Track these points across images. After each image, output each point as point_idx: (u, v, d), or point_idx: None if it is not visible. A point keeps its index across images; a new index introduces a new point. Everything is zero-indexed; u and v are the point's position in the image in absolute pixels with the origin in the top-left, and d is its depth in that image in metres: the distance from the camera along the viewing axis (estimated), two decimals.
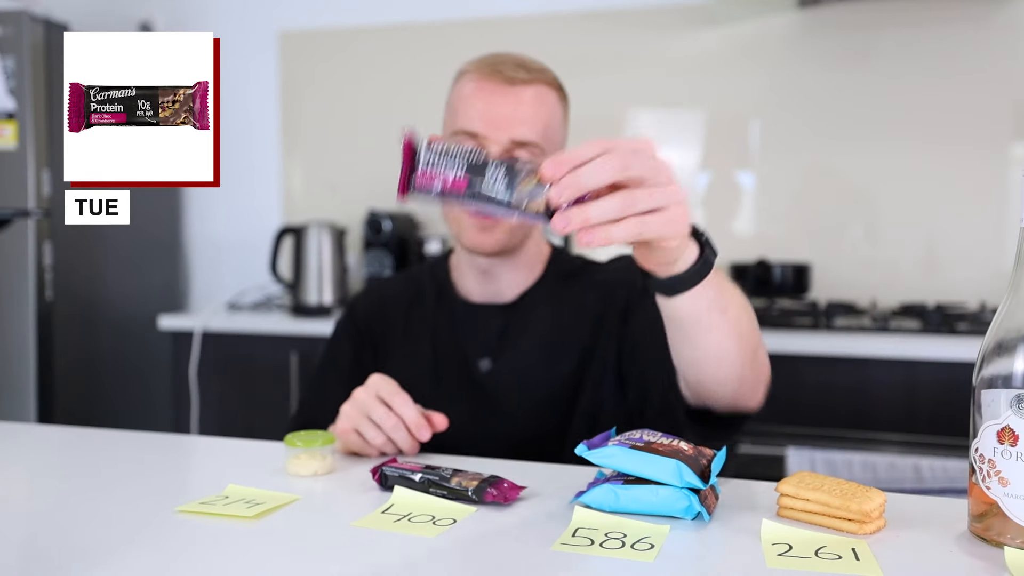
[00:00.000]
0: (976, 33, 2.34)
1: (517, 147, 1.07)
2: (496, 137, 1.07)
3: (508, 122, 1.07)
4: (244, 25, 2.90)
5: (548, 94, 1.11)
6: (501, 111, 1.07)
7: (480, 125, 1.07)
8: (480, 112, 1.08)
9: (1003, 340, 0.73)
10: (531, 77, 1.09)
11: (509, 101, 1.08)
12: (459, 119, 1.10)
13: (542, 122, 1.09)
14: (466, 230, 1.12)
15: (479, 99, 1.09)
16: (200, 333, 2.39)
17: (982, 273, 2.32)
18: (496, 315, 1.18)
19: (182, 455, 1.16)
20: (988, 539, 0.73)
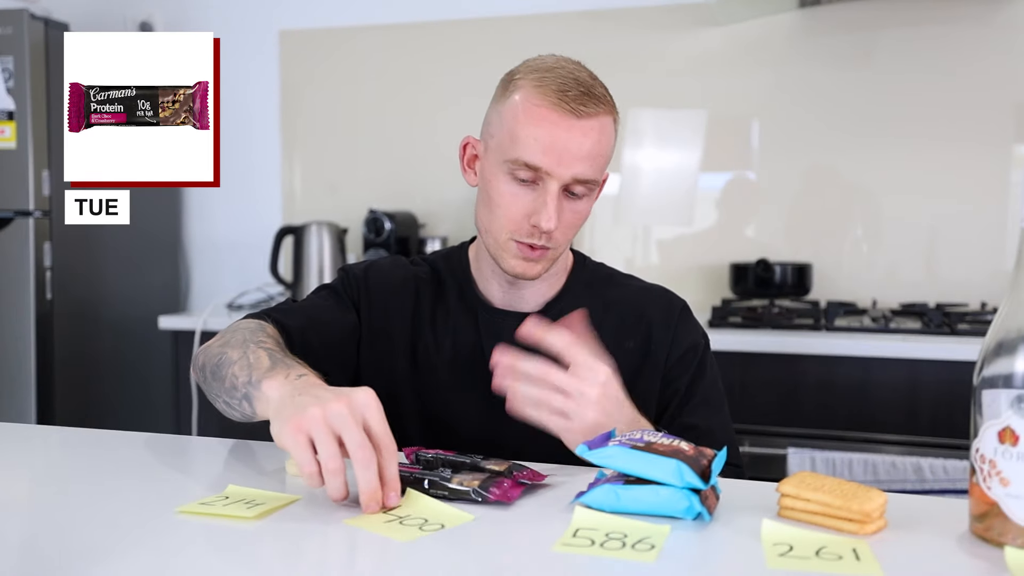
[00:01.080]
0: (977, 33, 2.34)
1: (576, 183, 1.05)
2: (559, 174, 1.03)
3: (573, 159, 1.03)
4: (244, 25, 2.90)
5: (609, 125, 1.07)
6: (566, 145, 1.03)
7: (543, 160, 1.03)
8: (544, 145, 1.03)
9: (1004, 340, 0.73)
10: (598, 110, 1.04)
11: (575, 137, 1.03)
12: (518, 148, 1.04)
13: (603, 158, 1.07)
14: (510, 257, 1.09)
15: (543, 129, 1.03)
16: (200, 333, 2.39)
17: (983, 273, 2.31)
18: (519, 323, 1.14)
19: (182, 455, 1.16)
20: (989, 539, 0.73)
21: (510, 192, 1.06)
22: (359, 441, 0.79)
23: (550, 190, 1.04)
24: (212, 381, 1.03)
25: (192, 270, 3.02)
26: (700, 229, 2.59)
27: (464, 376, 1.14)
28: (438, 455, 0.93)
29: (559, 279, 1.18)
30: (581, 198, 1.07)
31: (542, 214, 1.04)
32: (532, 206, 1.05)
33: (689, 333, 1.17)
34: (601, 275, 1.22)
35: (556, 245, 1.08)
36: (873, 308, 2.31)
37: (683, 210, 2.61)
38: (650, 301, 1.19)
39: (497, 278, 1.16)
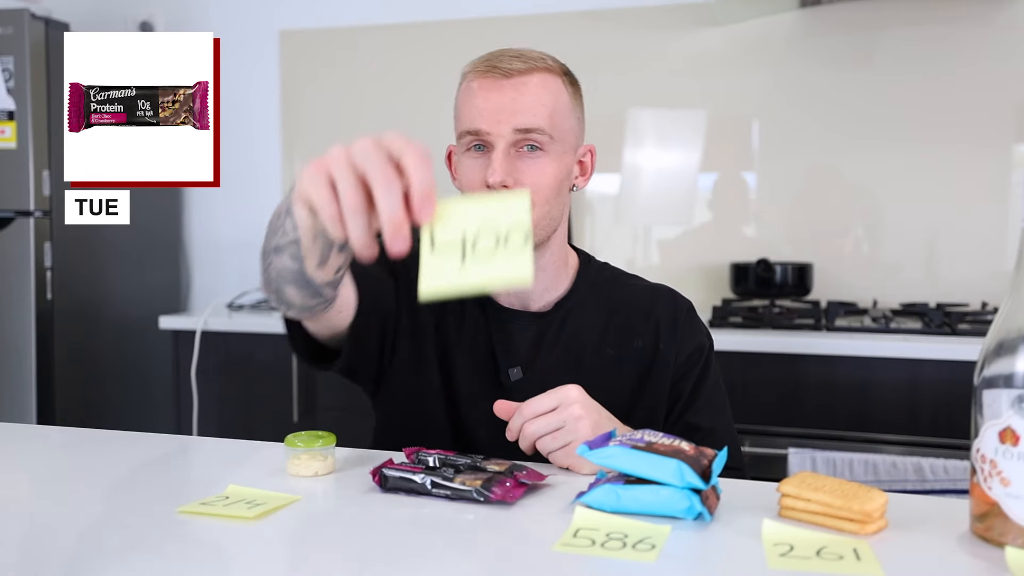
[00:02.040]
0: (978, 33, 2.34)
1: (522, 135, 1.05)
2: (499, 130, 1.05)
3: (509, 113, 1.05)
4: (245, 25, 2.90)
5: (551, 80, 1.08)
6: (500, 103, 1.05)
7: (482, 122, 1.06)
8: (480, 109, 1.06)
9: (1004, 340, 0.73)
10: (529, 66, 1.07)
11: (508, 93, 1.06)
12: (463, 121, 1.09)
13: (546, 108, 1.07)
14: None
15: (479, 96, 1.07)
16: (201, 333, 2.39)
17: (983, 273, 2.31)
18: (529, 323, 1.15)
19: (183, 456, 1.16)
20: (989, 539, 0.73)
21: (467, 165, 1.09)
22: (381, 164, 0.69)
23: (496, 147, 1.05)
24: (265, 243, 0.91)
25: (193, 270, 3.02)
26: (700, 229, 2.59)
27: (474, 377, 1.14)
28: (439, 456, 0.93)
29: (566, 279, 1.18)
30: (542, 152, 1.07)
31: (487, 170, 1.05)
32: (486, 169, 1.06)
33: (695, 334, 1.18)
34: (607, 275, 1.22)
35: None
36: (874, 308, 2.31)
37: (683, 210, 2.61)
38: (657, 301, 1.19)
39: None
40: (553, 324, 1.15)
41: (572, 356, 1.13)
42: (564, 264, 1.18)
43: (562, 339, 1.14)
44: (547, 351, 1.13)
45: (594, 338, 1.15)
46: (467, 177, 1.09)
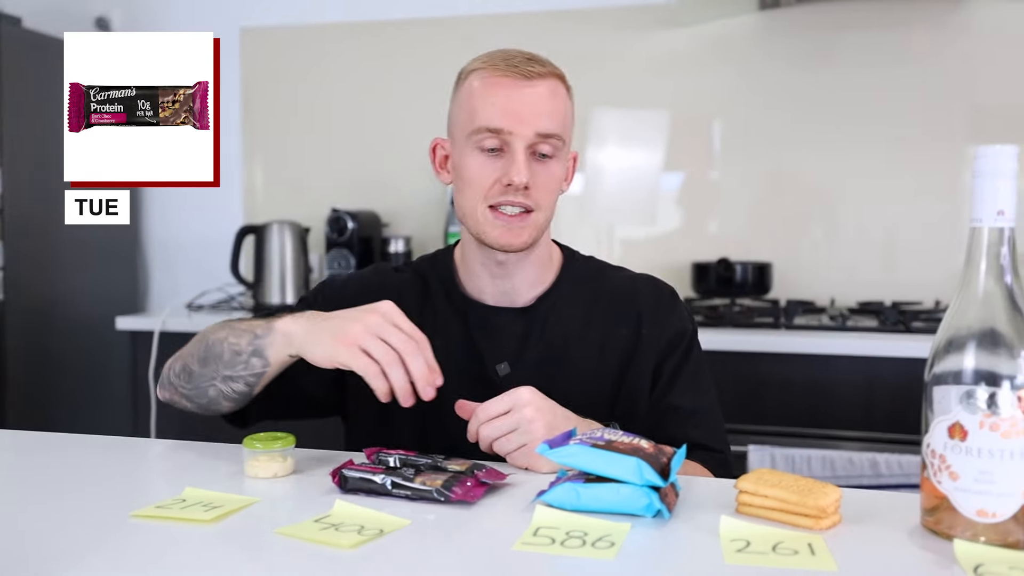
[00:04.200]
0: (932, 36, 2.39)
1: (542, 139, 1.07)
2: (521, 131, 1.06)
3: (531, 115, 1.06)
4: (204, 21, 2.86)
5: (560, 88, 1.11)
6: (523, 105, 1.06)
7: (504, 120, 1.06)
8: (501, 108, 1.06)
9: (954, 338, 0.74)
10: (545, 71, 1.09)
11: (528, 95, 1.07)
12: (478, 117, 1.07)
13: (560, 114, 1.09)
14: (491, 228, 1.09)
15: (498, 95, 1.07)
16: (159, 334, 2.35)
17: (938, 272, 2.36)
18: (514, 318, 1.15)
19: (139, 459, 1.14)
20: (939, 532, 0.74)
21: (479, 164, 1.08)
22: (403, 338, 0.94)
23: (517, 149, 1.06)
24: (202, 369, 1.06)
25: (151, 269, 2.97)
26: (663, 228, 2.61)
27: (458, 376, 1.12)
28: (399, 456, 0.92)
29: (550, 273, 1.19)
30: (551, 159, 1.09)
31: (512, 170, 1.05)
32: (503, 170, 1.07)
33: (678, 318, 1.19)
34: (591, 268, 1.23)
35: (536, 207, 1.08)
36: (831, 307, 2.34)
37: (646, 210, 2.63)
38: (639, 288, 1.20)
39: (487, 270, 1.15)
40: (538, 318, 1.16)
41: (558, 348, 1.14)
42: (548, 259, 1.19)
43: (547, 331, 1.15)
44: (534, 345, 1.14)
45: (578, 328, 1.16)
46: (478, 176, 1.08)
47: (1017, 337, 0.72)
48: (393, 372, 0.93)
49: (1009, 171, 0.73)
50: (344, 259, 2.57)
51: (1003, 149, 0.73)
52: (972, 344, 0.73)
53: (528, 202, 1.07)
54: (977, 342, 0.73)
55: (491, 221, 1.08)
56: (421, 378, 0.93)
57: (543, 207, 1.09)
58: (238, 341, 1.04)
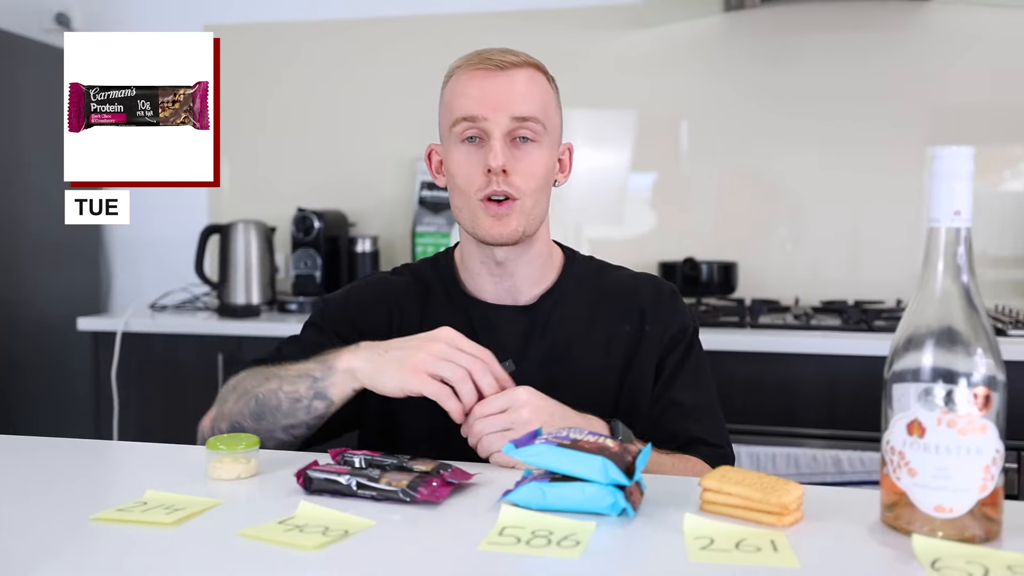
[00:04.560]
0: (893, 37, 2.43)
1: (519, 124, 1.08)
2: (496, 118, 1.07)
3: (506, 101, 1.07)
4: (168, 18, 2.83)
5: (538, 76, 1.12)
6: (497, 92, 1.08)
7: (479, 108, 1.07)
8: (476, 97, 1.08)
9: (912, 336, 0.76)
10: (520, 60, 1.11)
11: (501, 82, 1.09)
12: (455, 109, 1.10)
13: (538, 99, 1.10)
14: (481, 221, 1.10)
15: (472, 86, 1.09)
16: (121, 335, 2.32)
17: (900, 272, 2.40)
18: (516, 316, 1.16)
19: (100, 461, 1.12)
20: (898, 528, 0.76)
21: (463, 156, 1.10)
22: (470, 360, 0.97)
23: (493, 135, 1.07)
24: (257, 424, 1.06)
25: (113, 269, 2.93)
26: (630, 228, 2.63)
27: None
28: (365, 456, 0.92)
29: (551, 272, 1.19)
30: (531, 143, 1.09)
31: (489, 155, 1.07)
32: (484, 158, 1.08)
33: (679, 315, 1.20)
34: (592, 268, 1.24)
35: (519, 193, 1.09)
36: (796, 306, 2.37)
37: (614, 210, 2.64)
38: (641, 286, 1.21)
39: (487, 269, 1.16)
40: (541, 316, 1.16)
41: (561, 346, 1.15)
42: (549, 257, 1.20)
43: (550, 330, 1.16)
44: (537, 342, 1.15)
45: (582, 326, 1.16)
46: (462, 168, 1.10)
47: (973, 335, 0.73)
48: (463, 389, 0.96)
49: (965, 172, 0.74)
50: (310, 259, 2.55)
51: (959, 150, 0.74)
52: (930, 342, 0.74)
53: (509, 189, 1.08)
54: (935, 340, 0.74)
55: (482, 212, 1.09)
56: (490, 392, 0.97)
57: (526, 193, 1.09)
58: (295, 388, 1.04)
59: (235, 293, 2.52)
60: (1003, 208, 2.38)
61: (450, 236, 2.53)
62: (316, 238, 2.55)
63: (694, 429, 1.13)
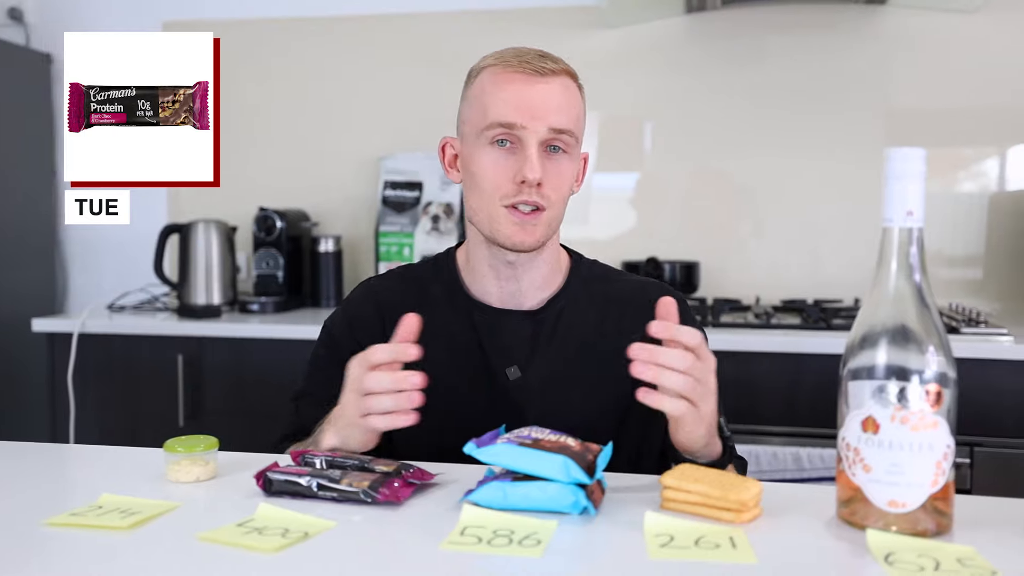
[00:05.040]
0: (851, 40, 2.46)
1: (555, 135, 1.06)
2: (534, 126, 1.05)
3: (544, 110, 1.05)
4: (126, 14, 2.78)
5: (573, 85, 1.11)
6: (536, 100, 1.05)
7: (517, 115, 1.05)
8: (514, 103, 1.05)
9: (867, 334, 0.77)
10: (558, 68, 1.08)
11: (541, 90, 1.06)
12: (491, 113, 1.06)
13: (574, 110, 1.09)
14: (503, 227, 1.07)
15: (510, 90, 1.06)
16: (78, 335, 2.28)
17: (859, 271, 2.43)
18: (523, 321, 1.13)
19: (55, 465, 1.10)
20: (853, 523, 0.77)
21: (492, 160, 1.07)
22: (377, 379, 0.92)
23: (530, 144, 1.05)
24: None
25: (69, 269, 2.87)
26: (594, 228, 2.64)
27: (465, 378, 1.11)
28: (325, 457, 0.91)
29: (558, 276, 1.17)
30: (563, 154, 1.08)
31: (525, 166, 1.04)
32: (516, 166, 1.05)
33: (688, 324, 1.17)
34: (597, 272, 1.22)
35: (548, 203, 1.07)
36: (756, 305, 2.40)
37: (577, 209, 2.65)
38: (650, 294, 1.15)
39: (494, 271, 1.13)
40: (547, 321, 1.14)
41: (570, 352, 1.13)
42: (556, 261, 1.17)
43: (558, 335, 1.13)
44: (544, 348, 1.13)
45: (590, 333, 1.14)
46: (490, 172, 1.07)
47: (925, 333, 0.75)
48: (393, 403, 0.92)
49: (917, 173, 0.76)
50: (272, 259, 2.52)
51: (911, 152, 0.75)
52: (884, 340, 0.76)
53: (540, 200, 1.06)
54: (889, 338, 0.75)
55: (507, 219, 1.07)
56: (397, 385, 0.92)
57: (554, 204, 1.08)
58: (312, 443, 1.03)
59: (195, 293, 2.49)
60: (957, 209, 2.43)
61: (414, 235, 2.53)
62: (278, 238, 2.52)
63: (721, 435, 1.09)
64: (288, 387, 1.82)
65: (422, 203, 2.55)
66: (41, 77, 2.77)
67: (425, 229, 2.53)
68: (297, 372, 2.08)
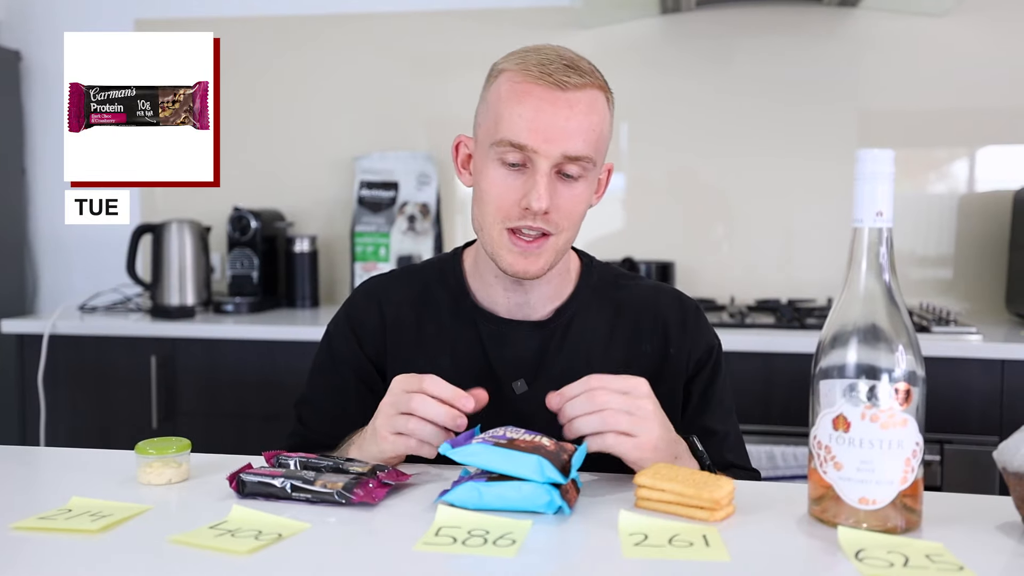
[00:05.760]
0: (823, 42, 2.49)
1: (569, 162, 0.98)
2: (547, 151, 0.97)
3: (561, 134, 0.97)
4: (98, 11, 2.75)
5: (599, 99, 1.02)
6: (553, 121, 0.97)
7: (529, 137, 0.97)
8: (528, 122, 0.97)
9: (838, 334, 0.78)
10: (584, 82, 0.99)
11: (561, 110, 0.97)
12: (502, 128, 0.98)
13: (596, 133, 1.00)
14: (506, 254, 1.01)
15: (527, 106, 0.97)
16: (48, 337, 2.24)
17: (831, 270, 2.46)
18: (531, 333, 1.08)
19: (24, 467, 1.09)
20: (825, 520, 0.78)
21: (499, 178, 1.00)
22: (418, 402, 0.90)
23: (540, 169, 0.97)
24: None
25: (40, 269, 2.83)
26: None
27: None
28: (300, 458, 0.91)
29: (568, 284, 1.12)
30: (577, 179, 1.00)
31: (532, 194, 0.97)
32: (522, 190, 0.98)
33: (705, 334, 1.14)
34: (608, 277, 1.16)
35: (556, 230, 1.01)
36: (731, 304, 2.42)
37: None
38: (663, 302, 1.14)
39: (501, 283, 1.08)
40: (556, 332, 1.09)
41: (579, 363, 1.07)
42: (566, 270, 1.12)
43: (567, 346, 1.09)
44: (552, 360, 1.08)
45: (600, 343, 1.10)
46: (497, 193, 1.00)
47: (895, 332, 0.76)
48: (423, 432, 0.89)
49: (886, 174, 0.77)
50: (247, 259, 2.50)
51: (880, 153, 0.76)
52: (854, 339, 0.77)
53: (547, 227, 1.00)
54: (859, 338, 0.76)
55: (507, 246, 1.01)
56: (449, 421, 0.89)
57: (564, 229, 1.02)
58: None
59: (168, 294, 2.46)
60: (928, 210, 2.46)
61: (389, 235, 2.52)
62: (253, 238, 2.50)
63: (728, 456, 1.09)
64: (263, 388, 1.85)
65: (398, 203, 2.54)
66: (10, 75, 2.73)
67: (401, 229, 2.52)
68: (273, 373, 2.09)
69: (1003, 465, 0.77)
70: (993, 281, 2.39)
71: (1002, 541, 0.75)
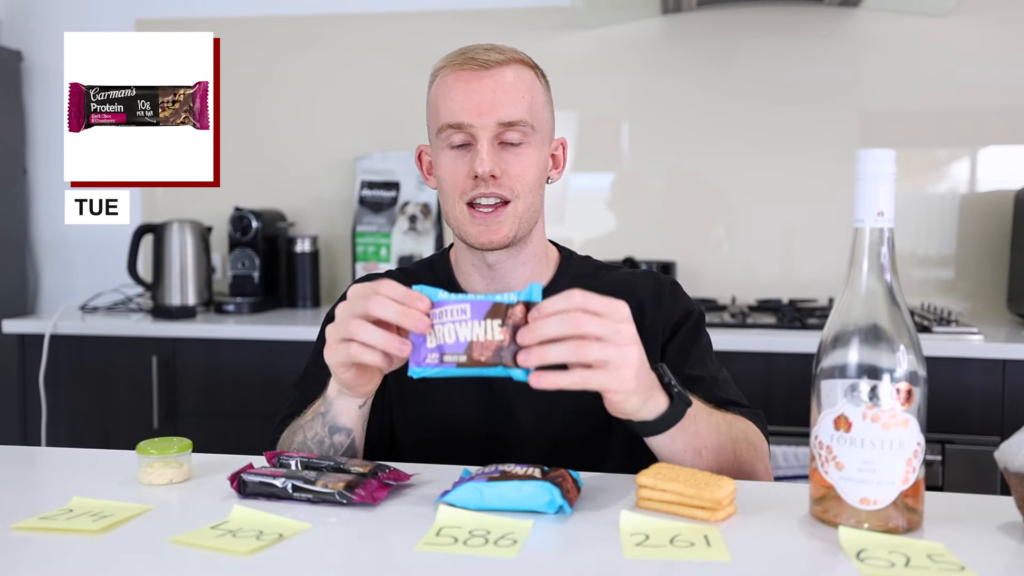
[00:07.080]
0: (824, 42, 2.49)
1: (506, 128, 1.04)
2: (482, 123, 1.04)
3: (491, 105, 1.04)
4: (99, 11, 2.75)
5: (525, 72, 1.08)
6: (482, 96, 1.04)
7: (464, 115, 1.04)
8: (461, 102, 1.04)
9: (840, 333, 0.78)
10: (505, 58, 1.06)
11: (488, 85, 1.05)
12: (441, 115, 1.06)
13: (526, 100, 1.06)
14: (468, 228, 1.07)
15: (457, 89, 1.05)
16: (50, 337, 2.25)
17: (832, 270, 2.46)
18: None
19: (25, 467, 1.09)
20: (826, 520, 0.78)
21: (449, 160, 1.07)
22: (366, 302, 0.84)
23: (481, 140, 1.04)
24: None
25: (41, 269, 2.84)
26: (571, 228, 2.64)
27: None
28: (301, 459, 0.91)
29: (547, 271, 1.16)
30: (520, 145, 1.06)
31: (476, 161, 1.03)
32: (471, 163, 1.05)
33: (681, 302, 1.17)
34: (588, 268, 1.21)
35: (512, 196, 1.06)
36: (732, 304, 2.42)
37: (554, 210, 2.65)
38: (639, 282, 1.17)
39: (479, 270, 1.13)
40: None
41: None
42: (545, 256, 1.16)
43: None
44: None
45: None
46: (449, 173, 1.07)
47: (896, 332, 0.76)
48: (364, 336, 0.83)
49: (887, 174, 0.77)
50: (248, 259, 2.50)
51: (881, 153, 0.76)
52: (856, 339, 0.76)
53: (502, 192, 1.05)
54: (860, 337, 0.76)
55: (468, 219, 1.06)
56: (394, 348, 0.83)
57: (521, 195, 1.07)
58: (315, 432, 0.98)
59: (170, 294, 2.46)
60: (929, 210, 2.46)
61: (391, 236, 2.52)
62: (254, 238, 2.50)
63: (722, 395, 1.08)
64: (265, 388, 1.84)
65: (399, 203, 2.54)
66: (11, 75, 2.73)
67: (402, 229, 2.52)
68: (274, 373, 2.08)
69: (1004, 465, 0.77)
70: (994, 281, 2.39)
71: (1003, 541, 0.75)
